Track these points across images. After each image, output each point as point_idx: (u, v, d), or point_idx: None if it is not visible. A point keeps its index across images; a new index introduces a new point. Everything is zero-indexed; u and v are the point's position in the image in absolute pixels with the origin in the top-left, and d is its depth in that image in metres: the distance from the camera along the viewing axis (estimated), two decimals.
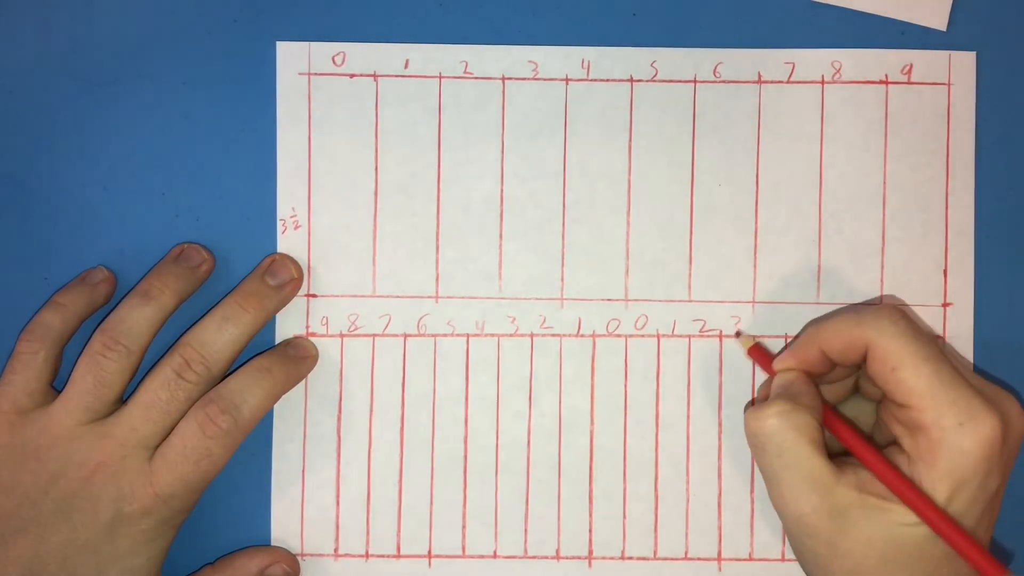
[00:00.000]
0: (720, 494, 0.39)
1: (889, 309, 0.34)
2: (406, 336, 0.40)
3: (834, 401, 0.37)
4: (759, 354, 0.38)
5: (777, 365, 0.36)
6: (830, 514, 0.33)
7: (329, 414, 0.40)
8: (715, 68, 0.40)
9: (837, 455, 0.35)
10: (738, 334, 0.39)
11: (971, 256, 0.40)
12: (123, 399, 0.38)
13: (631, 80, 0.40)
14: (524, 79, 0.40)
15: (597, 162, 0.40)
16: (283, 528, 0.40)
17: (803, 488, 0.33)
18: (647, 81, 0.40)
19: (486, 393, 0.40)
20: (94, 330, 0.37)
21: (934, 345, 0.33)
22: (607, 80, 0.40)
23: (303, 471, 0.40)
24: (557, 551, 0.40)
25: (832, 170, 0.40)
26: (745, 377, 0.40)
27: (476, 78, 0.40)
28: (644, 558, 0.39)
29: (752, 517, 0.39)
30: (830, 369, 0.36)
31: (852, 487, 0.33)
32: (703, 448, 0.40)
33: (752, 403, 0.39)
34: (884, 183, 0.40)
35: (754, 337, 0.39)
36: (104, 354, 0.37)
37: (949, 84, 0.40)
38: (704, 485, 0.40)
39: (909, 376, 0.33)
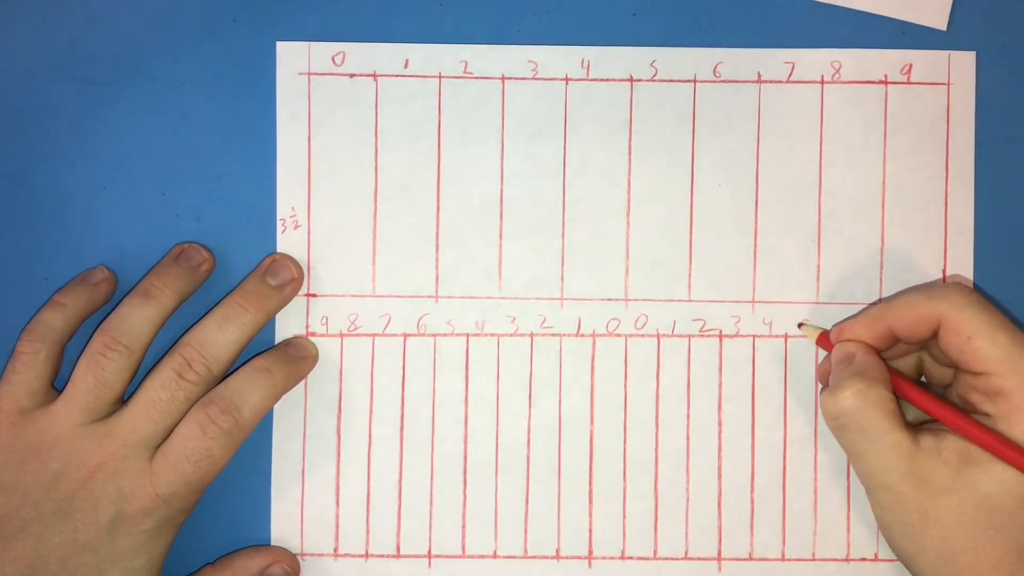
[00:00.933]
0: (720, 494, 0.40)
1: (957, 285, 0.35)
2: (406, 336, 0.40)
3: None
4: (828, 342, 0.38)
5: (836, 337, 0.37)
6: (919, 481, 0.34)
7: (329, 414, 0.40)
8: (715, 68, 0.40)
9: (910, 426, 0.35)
10: (800, 325, 0.39)
11: (970, 256, 0.40)
12: (124, 399, 0.38)
13: (631, 80, 0.40)
14: (524, 79, 0.40)
15: (597, 162, 0.40)
16: (283, 528, 0.40)
17: (889, 459, 0.34)
18: (647, 81, 0.40)
19: (486, 393, 0.40)
20: (95, 330, 0.37)
21: (1003, 316, 0.34)
22: (607, 80, 0.40)
23: (303, 471, 0.40)
24: (557, 551, 0.40)
25: (832, 170, 0.40)
26: (745, 376, 0.40)
27: (476, 78, 0.40)
28: (644, 558, 0.40)
29: (752, 517, 0.40)
30: (888, 347, 0.36)
31: (933, 453, 0.34)
32: (703, 448, 0.40)
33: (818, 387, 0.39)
34: (884, 183, 0.40)
35: (819, 327, 0.39)
36: (105, 354, 0.37)
37: (949, 84, 0.40)
38: (704, 485, 0.40)
39: (985, 344, 0.34)
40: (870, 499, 0.36)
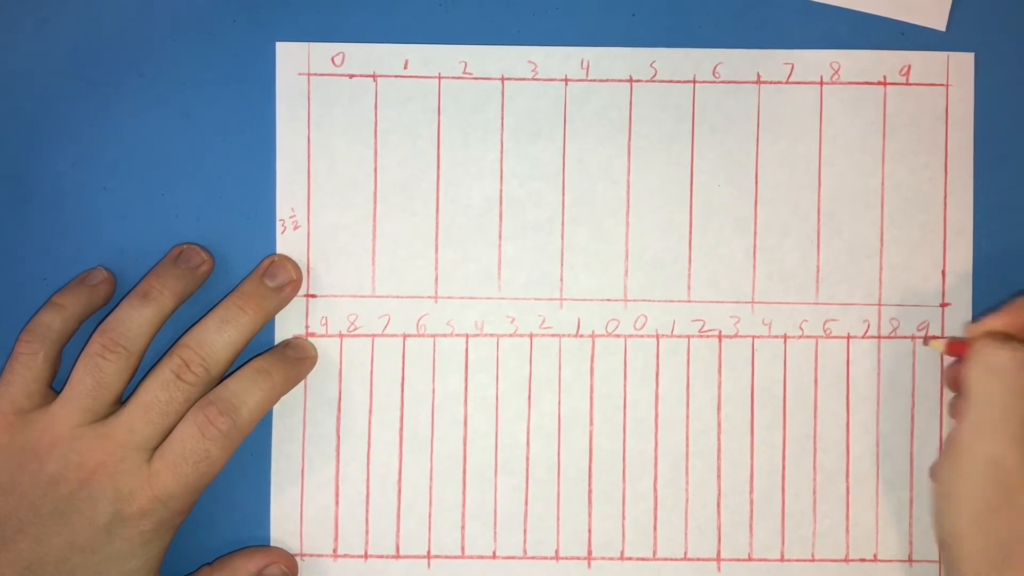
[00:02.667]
0: (720, 494, 0.39)
1: None
2: (405, 336, 0.40)
3: None
4: (957, 347, 0.37)
5: (975, 330, 0.36)
6: (1020, 461, 0.33)
7: (329, 414, 0.40)
8: (715, 68, 0.40)
9: None
10: (925, 341, 0.39)
11: (970, 257, 0.40)
12: (122, 400, 0.38)
13: (631, 80, 0.40)
14: (523, 79, 0.40)
15: (597, 162, 0.40)
16: (282, 528, 0.40)
17: (1008, 427, 0.33)
18: (647, 81, 0.40)
19: (485, 393, 0.40)
20: (93, 331, 0.37)
21: None
22: (607, 80, 0.40)
23: (303, 471, 0.40)
24: (557, 551, 0.40)
25: (831, 170, 0.40)
26: (744, 377, 0.40)
27: (476, 78, 0.40)
28: (644, 558, 0.39)
29: (752, 517, 0.39)
30: None
31: None
32: (703, 448, 0.40)
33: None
34: (883, 184, 0.40)
35: (942, 337, 0.39)
36: (103, 355, 0.37)
37: (947, 85, 0.40)
38: (704, 485, 0.40)
39: None
40: (952, 470, 0.35)
